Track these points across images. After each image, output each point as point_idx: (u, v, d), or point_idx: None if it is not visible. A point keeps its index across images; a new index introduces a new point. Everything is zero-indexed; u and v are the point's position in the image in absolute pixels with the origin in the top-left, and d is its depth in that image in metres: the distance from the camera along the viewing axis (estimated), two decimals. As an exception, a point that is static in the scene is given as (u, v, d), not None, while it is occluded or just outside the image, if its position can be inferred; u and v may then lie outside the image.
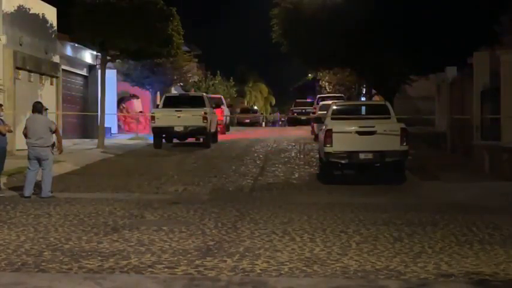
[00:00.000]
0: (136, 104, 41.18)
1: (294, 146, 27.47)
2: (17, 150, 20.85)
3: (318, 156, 20.57)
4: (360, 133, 17.29)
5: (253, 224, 10.99)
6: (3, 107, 15.98)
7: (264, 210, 12.56)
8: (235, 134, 38.33)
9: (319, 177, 18.61)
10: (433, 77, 27.87)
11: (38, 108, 14.78)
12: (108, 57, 27.66)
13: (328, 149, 17.19)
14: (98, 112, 27.52)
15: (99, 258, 8.36)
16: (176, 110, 25.92)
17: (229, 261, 8.23)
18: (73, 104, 31.42)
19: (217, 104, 32.92)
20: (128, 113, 39.56)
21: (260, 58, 76.92)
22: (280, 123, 70.85)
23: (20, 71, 23.28)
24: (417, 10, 21.97)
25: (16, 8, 23.33)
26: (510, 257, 8.58)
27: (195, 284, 7.25)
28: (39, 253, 8.64)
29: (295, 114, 51.17)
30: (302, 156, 23.79)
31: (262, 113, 73.68)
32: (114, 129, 36.26)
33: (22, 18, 23.74)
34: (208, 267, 7.95)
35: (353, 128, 17.44)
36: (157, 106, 30.00)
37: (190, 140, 27.66)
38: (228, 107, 45.24)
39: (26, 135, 14.58)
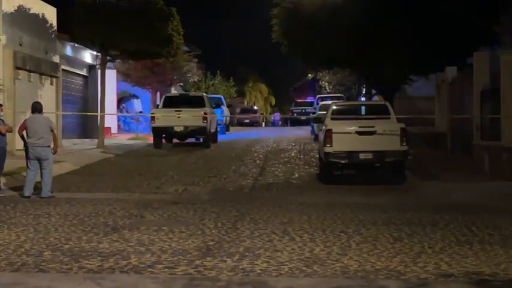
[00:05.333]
0: (136, 104, 41.21)
1: (294, 146, 27.48)
2: (17, 150, 20.83)
3: (318, 156, 20.57)
4: (359, 133, 17.29)
5: (253, 224, 10.99)
6: (3, 107, 15.98)
7: (264, 210, 12.56)
8: (235, 134, 38.34)
9: (319, 177, 18.61)
10: (433, 77, 27.87)
11: (38, 108, 14.78)
12: (108, 57, 27.66)
13: (328, 149, 17.19)
14: (97, 112, 27.52)
15: (99, 258, 8.36)
16: (176, 110, 25.93)
17: (229, 261, 8.22)
18: (73, 104, 31.42)
19: (217, 104, 32.96)
20: (127, 113, 39.57)
21: (260, 58, 76.73)
22: (279, 123, 70.79)
23: (20, 71, 23.26)
24: (417, 10, 21.97)
25: (16, 8, 23.32)
26: (510, 257, 8.58)
27: (195, 284, 7.25)
28: (39, 253, 8.64)
29: (295, 114, 51.21)
30: (302, 156, 23.79)
31: (262, 113, 73.63)
32: (114, 129, 36.27)
33: (22, 18, 23.73)
34: (208, 267, 7.95)
35: (353, 128, 17.44)
36: (157, 106, 30.02)
37: (191, 140, 27.66)
38: (228, 107, 45.25)
39: (22, 136, 14.56)
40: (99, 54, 28.71)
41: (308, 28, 23.53)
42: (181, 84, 43.68)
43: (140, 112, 39.64)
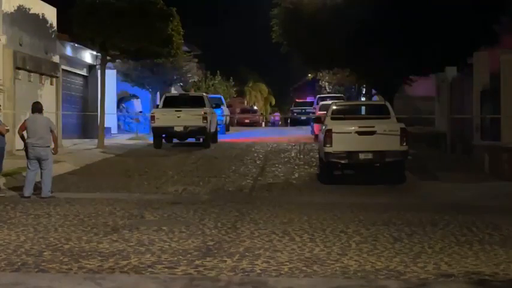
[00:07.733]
0: (136, 104, 41.21)
1: (294, 146, 27.47)
2: (17, 150, 20.84)
3: (318, 156, 20.58)
4: (359, 133, 17.29)
5: (253, 224, 10.99)
6: (1, 107, 15.98)
7: (264, 210, 12.56)
8: (235, 134, 38.34)
9: (319, 177, 18.61)
10: (433, 77, 27.86)
11: (38, 108, 14.78)
12: (108, 57, 27.65)
13: (328, 149, 17.20)
14: (97, 112, 27.52)
15: (99, 258, 8.36)
16: (176, 110, 25.93)
17: (229, 261, 8.22)
18: (73, 104, 31.41)
19: (217, 104, 32.96)
20: (127, 113, 39.58)
21: (260, 58, 76.71)
22: (279, 123, 70.80)
23: (20, 71, 23.26)
24: (417, 10, 21.95)
25: (16, 8, 23.32)
26: (510, 257, 8.58)
27: (195, 284, 7.25)
28: (39, 253, 8.64)
29: (295, 114, 51.24)
30: (302, 156, 23.78)
31: (262, 113, 73.63)
32: (114, 129, 36.27)
33: (22, 18, 23.73)
34: (208, 267, 7.95)
35: (353, 128, 17.45)
36: (157, 106, 30.01)
37: (191, 140, 27.66)
38: (227, 107, 45.24)
39: (22, 136, 14.53)
40: (99, 54, 28.69)
41: (308, 28, 23.52)
42: (181, 84, 43.68)
43: (140, 112, 39.64)
